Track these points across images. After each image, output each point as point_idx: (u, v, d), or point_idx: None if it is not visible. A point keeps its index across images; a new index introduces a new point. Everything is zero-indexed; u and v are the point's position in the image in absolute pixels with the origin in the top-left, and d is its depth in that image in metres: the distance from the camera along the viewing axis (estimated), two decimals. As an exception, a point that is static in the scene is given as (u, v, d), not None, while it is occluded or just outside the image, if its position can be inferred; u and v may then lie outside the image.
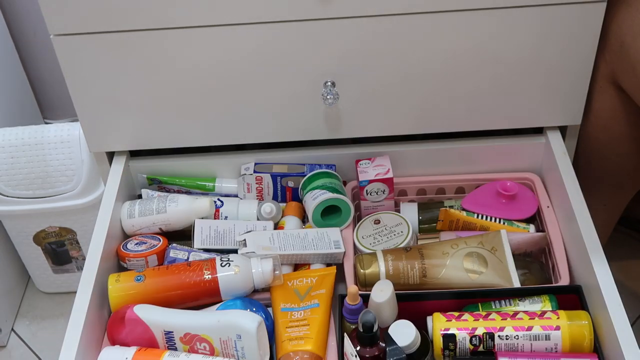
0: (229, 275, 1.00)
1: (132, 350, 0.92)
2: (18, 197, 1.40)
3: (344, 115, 1.11)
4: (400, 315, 0.97)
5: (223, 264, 1.00)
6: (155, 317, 0.95)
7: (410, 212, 1.16)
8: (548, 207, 1.12)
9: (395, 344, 0.90)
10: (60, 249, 1.49)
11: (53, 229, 1.45)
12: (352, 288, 0.96)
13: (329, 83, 1.07)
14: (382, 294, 0.96)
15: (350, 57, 1.05)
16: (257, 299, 1.02)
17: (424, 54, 1.06)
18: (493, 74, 1.08)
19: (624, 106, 1.09)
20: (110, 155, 1.19)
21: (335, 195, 1.09)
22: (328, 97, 1.07)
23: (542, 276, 1.06)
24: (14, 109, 1.61)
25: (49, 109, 1.76)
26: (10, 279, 1.57)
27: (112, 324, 0.96)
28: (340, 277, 1.07)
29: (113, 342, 0.96)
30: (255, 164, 1.17)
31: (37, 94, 1.73)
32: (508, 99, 1.11)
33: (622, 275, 1.53)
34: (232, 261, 1.01)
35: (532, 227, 1.11)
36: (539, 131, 1.17)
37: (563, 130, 1.17)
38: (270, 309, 1.02)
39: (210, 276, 0.99)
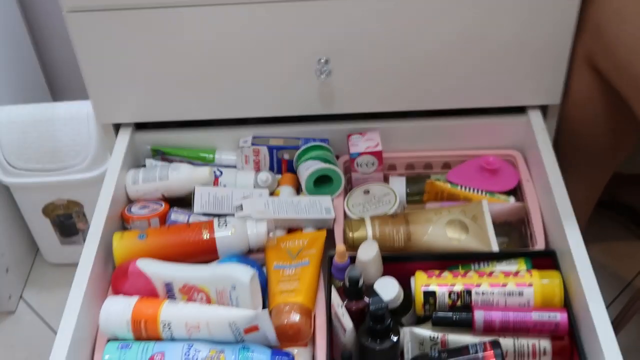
0: (226, 236, 1.07)
1: (134, 299, 0.99)
2: (29, 170, 1.47)
3: (337, 92, 1.19)
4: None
5: (220, 225, 1.07)
6: (156, 270, 1.02)
7: (398, 184, 1.23)
8: (528, 180, 1.19)
9: (379, 296, 0.97)
10: (68, 222, 1.56)
11: (61, 201, 1.52)
12: (340, 247, 1.03)
13: (323, 60, 1.14)
14: (368, 252, 1.03)
15: (344, 35, 1.12)
16: (252, 259, 1.09)
17: (413, 35, 1.13)
18: (478, 55, 1.15)
19: (599, 86, 1.16)
20: (117, 128, 1.26)
21: (328, 165, 1.17)
22: (321, 73, 1.14)
23: (520, 244, 1.13)
24: (26, 91, 1.69)
25: (59, 92, 1.84)
26: (20, 250, 1.65)
27: (116, 276, 1.03)
28: (331, 243, 1.13)
29: (117, 294, 1.03)
30: (253, 137, 1.24)
31: (48, 77, 1.81)
32: (492, 78, 1.18)
33: (605, 257, 1.60)
34: (229, 222, 1.08)
35: (512, 199, 1.18)
36: (521, 110, 1.24)
37: (544, 110, 1.24)
38: (264, 268, 1.09)
39: (208, 236, 1.06)
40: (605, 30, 1.08)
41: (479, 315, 0.97)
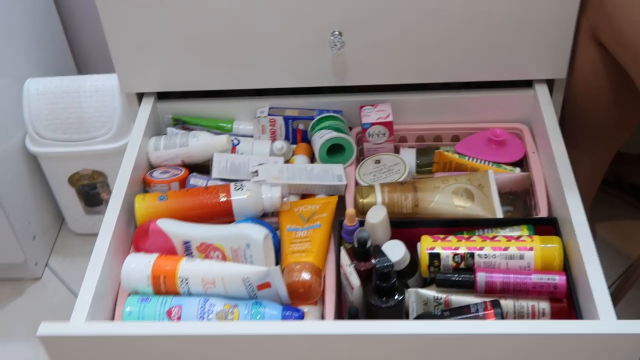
0: (242, 198, 1.12)
1: (154, 256, 1.05)
2: (55, 140, 1.53)
3: (350, 64, 1.23)
4: (393, 241, 1.08)
5: (237, 188, 1.13)
6: (175, 229, 1.07)
7: (409, 155, 1.27)
8: (534, 152, 1.23)
9: (385, 256, 1.02)
10: (92, 191, 1.62)
11: (86, 171, 1.58)
12: (350, 210, 1.07)
13: (337, 32, 1.19)
14: (377, 216, 1.07)
15: (357, 8, 1.17)
16: (266, 222, 1.14)
17: (424, 9, 1.17)
18: (486, 29, 1.19)
19: (603, 61, 1.19)
20: (140, 97, 1.32)
21: (340, 134, 1.21)
22: (335, 45, 1.19)
23: (525, 213, 1.17)
24: (54, 65, 1.74)
25: (84, 67, 1.90)
26: (46, 219, 1.72)
27: (137, 235, 1.09)
28: (342, 209, 1.18)
29: (138, 251, 1.08)
30: (270, 108, 1.29)
31: (74, 54, 1.87)
32: (500, 52, 1.22)
33: (612, 235, 1.63)
34: (245, 186, 1.13)
35: (518, 170, 1.22)
36: (528, 85, 1.28)
37: (551, 85, 1.27)
38: (278, 232, 1.14)
39: (225, 198, 1.12)
40: (607, 3, 1.12)
41: (480, 277, 1.01)
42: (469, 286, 1.02)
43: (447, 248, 1.05)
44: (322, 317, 1.04)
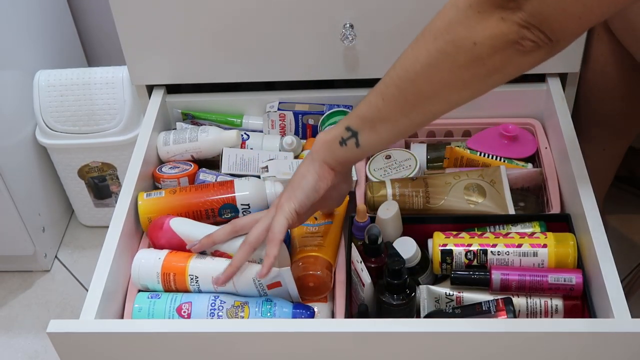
0: (245, 194, 1.11)
1: (165, 251, 1.04)
2: (65, 132, 1.53)
3: (361, 57, 1.22)
4: (404, 237, 1.08)
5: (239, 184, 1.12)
6: (189, 233, 1.05)
7: (419, 151, 1.26)
8: (546, 148, 1.22)
9: (397, 252, 1.01)
10: (102, 184, 1.62)
11: (96, 163, 1.58)
12: (361, 206, 1.07)
13: (348, 25, 1.17)
14: (388, 212, 1.06)
15: (369, 0, 1.16)
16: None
17: (436, 1, 1.16)
18: (499, 24, 1.18)
19: (617, 52, 1.18)
20: (150, 90, 1.31)
21: (351, 129, 1.20)
22: (347, 38, 1.17)
23: (537, 209, 1.16)
24: (64, 58, 1.74)
25: (94, 60, 1.89)
26: (56, 211, 1.72)
27: (152, 228, 1.07)
28: (352, 205, 1.17)
29: (152, 243, 1.07)
30: (280, 102, 1.29)
31: (84, 46, 1.86)
32: (512, 47, 1.20)
33: (625, 229, 1.62)
34: (250, 181, 1.12)
35: (530, 166, 1.21)
36: (541, 79, 1.27)
37: (564, 79, 1.26)
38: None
39: (228, 194, 1.11)
40: None
41: (496, 276, 1.00)
42: (484, 284, 1.01)
43: (460, 245, 1.04)
44: (333, 314, 1.04)
